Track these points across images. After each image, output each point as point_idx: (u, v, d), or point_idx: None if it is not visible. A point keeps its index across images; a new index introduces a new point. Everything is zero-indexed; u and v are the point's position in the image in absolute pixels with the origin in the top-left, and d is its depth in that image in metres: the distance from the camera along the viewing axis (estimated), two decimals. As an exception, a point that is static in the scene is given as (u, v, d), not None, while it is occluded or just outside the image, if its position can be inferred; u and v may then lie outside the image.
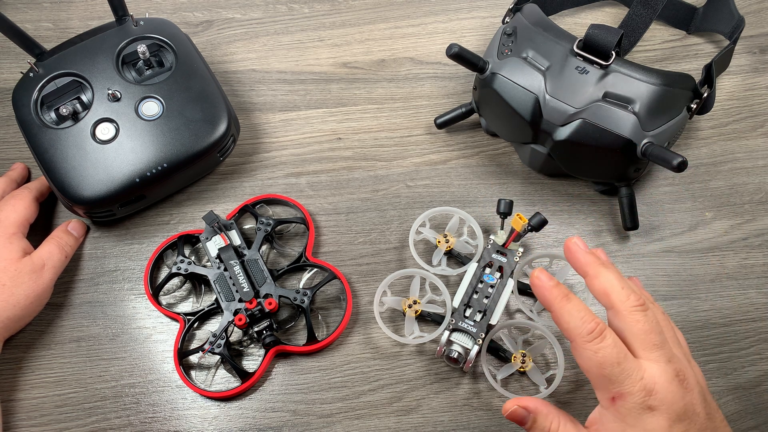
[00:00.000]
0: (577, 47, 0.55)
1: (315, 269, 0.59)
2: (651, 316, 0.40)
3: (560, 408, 0.53)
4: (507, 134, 0.60)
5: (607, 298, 0.41)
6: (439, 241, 0.57)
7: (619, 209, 0.59)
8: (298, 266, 0.58)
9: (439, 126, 0.64)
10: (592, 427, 0.41)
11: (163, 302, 0.58)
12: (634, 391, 0.37)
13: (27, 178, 0.62)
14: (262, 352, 0.55)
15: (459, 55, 0.55)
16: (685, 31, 0.70)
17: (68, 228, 0.59)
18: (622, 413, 0.38)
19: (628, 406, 0.38)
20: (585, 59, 0.54)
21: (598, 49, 0.54)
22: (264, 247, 0.59)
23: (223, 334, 0.54)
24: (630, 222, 0.58)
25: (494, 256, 0.56)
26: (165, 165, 0.56)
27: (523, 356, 0.52)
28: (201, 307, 0.56)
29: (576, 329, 0.39)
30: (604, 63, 0.54)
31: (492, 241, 0.56)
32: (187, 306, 0.58)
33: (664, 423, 0.38)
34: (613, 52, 0.54)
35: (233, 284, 0.55)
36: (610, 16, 0.71)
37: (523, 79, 0.55)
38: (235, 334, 0.56)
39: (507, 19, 0.61)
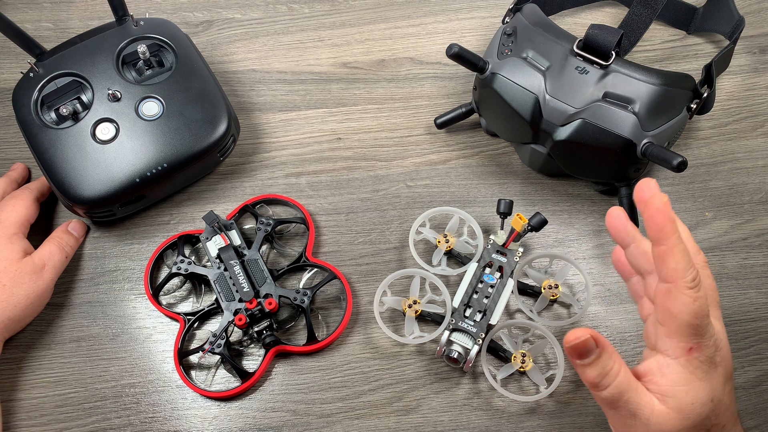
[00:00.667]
0: (577, 47, 0.55)
1: (315, 269, 0.59)
2: (711, 274, 0.40)
3: (562, 410, 0.54)
4: (507, 134, 0.60)
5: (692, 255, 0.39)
6: (439, 241, 0.57)
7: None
8: (298, 266, 0.58)
9: (439, 126, 0.64)
10: (646, 377, 0.38)
11: (163, 302, 0.58)
12: (710, 345, 0.36)
13: (27, 179, 0.62)
14: (262, 352, 0.55)
15: (459, 55, 0.55)
16: (685, 31, 0.70)
17: (68, 228, 0.59)
18: (694, 365, 0.37)
19: (702, 358, 0.36)
20: (585, 59, 0.54)
21: (598, 49, 0.54)
22: (264, 247, 0.59)
23: (223, 334, 0.54)
24: (630, 222, 0.58)
25: (494, 256, 0.56)
26: (165, 165, 0.56)
27: (523, 356, 0.52)
28: (201, 307, 0.56)
29: (683, 272, 0.35)
30: (604, 63, 0.54)
31: (492, 241, 0.56)
32: (187, 306, 0.58)
33: (722, 378, 0.38)
34: (613, 52, 0.54)
35: (233, 284, 0.55)
36: (610, 16, 0.71)
37: (523, 79, 0.55)
38: (235, 334, 0.56)
39: (507, 19, 0.61)
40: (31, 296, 0.54)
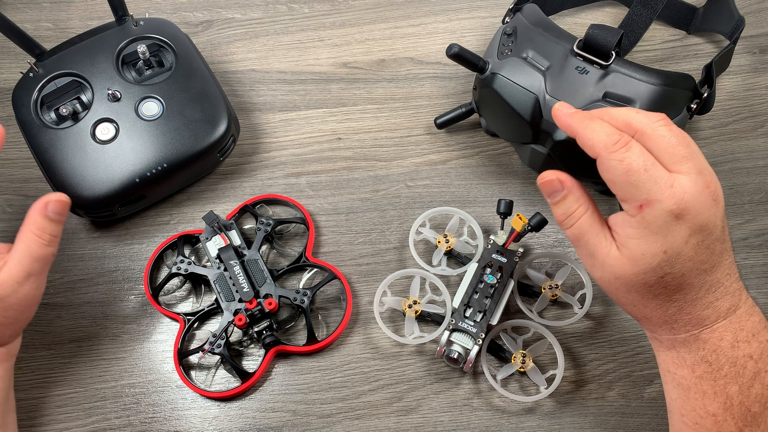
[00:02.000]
0: (577, 47, 0.55)
1: (315, 269, 0.59)
2: (676, 130, 0.39)
3: (562, 410, 0.54)
4: (507, 134, 0.60)
5: (629, 126, 0.40)
6: (439, 241, 0.57)
7: (619, 209, 0.59)
8: (298, 266, 0.58)
9: (439, 126, 0.64)
10: (612, 228, 0.41)
11: (163, 302, 0.58)
12: (662, 198, 0.37)
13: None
14: (262, 352, 0.55)
15: (459, 55, 0.55)
16: (685, 31, 0.70)
17: (48, 212, 0.45)
18: (648, 220, 0.37)
19: (655, 212, 0.37)
20: (585, 59, 0.54)
21: (598, 49, 0.54)
22: (264, 247, 0.59)
23: (223, 334, 0.54)
24: (630, 222, 0.58)
25: (494, 256, 0.56)
26: (165, 165, 0.56)
27: (523, 356, 0.52)
28: (201, 307, 0.56)
29: (600, 141, 0.39)
30: (604, 63, 0.54)
31: (492, 241, 0.56)
32: (187, 306, 0.58)
33: (684, 232, 0.37)
34: (613, 52, 0.54)
35: (233, 284, 0.55)
36: (610, 16, 0.71)
37: (523, 79, 0.55)
38: (235, 334, 0.56)
39: (507, 19, 0.62)
40: (24, 312, 0.46)
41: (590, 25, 0.54)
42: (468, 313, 0.54)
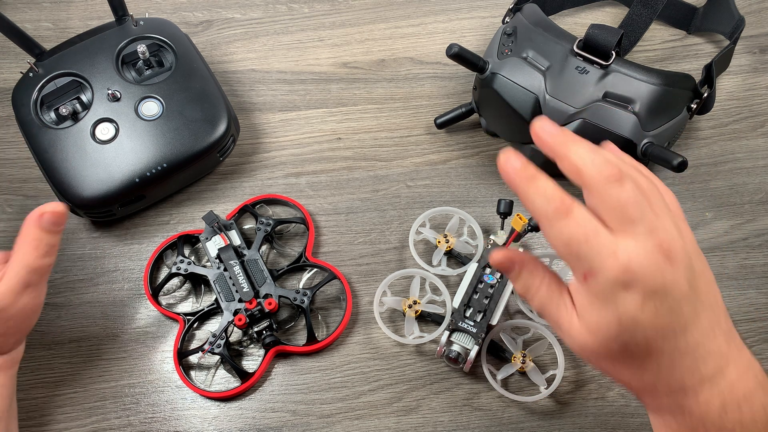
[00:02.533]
0: (577, 47, 0.55)
1: (315, 269, 0.59)
2: (628, 187, 0.35)
3: (562, 410, 0.54)
4: (507, 134, 0.60)
5: (579, 176, 0.36)
6: (439, 242, 0.57)
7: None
8: (298, 266, 0.58)
9: (439, 126, 0.64)
10: (573, 296, 0.38)
11: (163, 302, 0.58)
12: (605, 268, 0.34)
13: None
14: (262, 352, 0.55)
15: (459, 55, 0.55)
16: (685, 31, 0.70)
17: (42, 224, 0.44)
18: (595, 290, 0.35)
19: (601, 283, 0.34)
20: (585, 59, 0.54)
21: (598, 49, 0.54)
22: (264, 247, 0.59)
23: (223, 334, 0.54)
24: (630, 222, 0.58)
25: (494, 256, 0.55)
26: (165, 165, 0.56)
27: (523, 356, 0.52)
28: (201, 307, 0.56)
29: (541, 209, 0.36)
30: (604, 63, 0.54)
31: (492, 241, 0.56)
32: (187, 306, 0.58)
33: (637, 299, 0.34)
34: (613, 52, 0.54)
35: (233, 284, 0.55)
36: (610, 16, 0.71)
37: (523, 79, 0.55)
38: (235, 334, 0.56)
39: (507, 19, 0.62)
40: (27, 323, 0.47)
41: (590, 25, 0.54)
42: (468, 313, 0.54)
